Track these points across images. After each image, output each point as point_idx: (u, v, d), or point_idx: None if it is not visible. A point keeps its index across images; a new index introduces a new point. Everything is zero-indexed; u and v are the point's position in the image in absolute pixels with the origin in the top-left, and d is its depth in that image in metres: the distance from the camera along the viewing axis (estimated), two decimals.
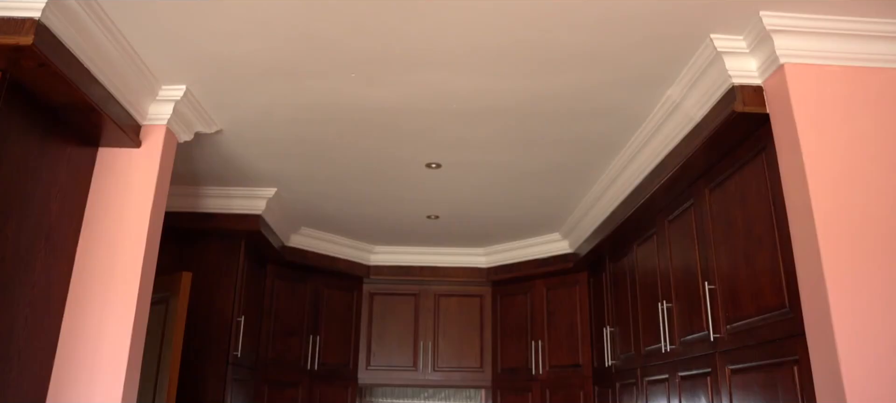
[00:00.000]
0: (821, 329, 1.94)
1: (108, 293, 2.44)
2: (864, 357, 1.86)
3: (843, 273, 1.94)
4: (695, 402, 2.89)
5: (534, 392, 4.86)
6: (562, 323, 4.80)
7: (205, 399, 3.80)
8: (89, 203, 2.57)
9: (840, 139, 2.10)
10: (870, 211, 2.01)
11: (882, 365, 1.85)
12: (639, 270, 3.67)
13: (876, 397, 1.82)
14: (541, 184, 3.78)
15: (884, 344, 1.87)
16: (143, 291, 2.50)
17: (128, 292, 2.44)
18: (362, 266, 5.23)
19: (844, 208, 2.01)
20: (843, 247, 1.96)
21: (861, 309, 1.90)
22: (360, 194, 4.02)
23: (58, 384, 2.33)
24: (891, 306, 1.91)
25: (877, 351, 1.87)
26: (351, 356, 5.19)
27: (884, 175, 2.06)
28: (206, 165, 3.56)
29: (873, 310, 1.90)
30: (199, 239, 4.06)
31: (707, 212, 2.84)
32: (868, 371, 1.85)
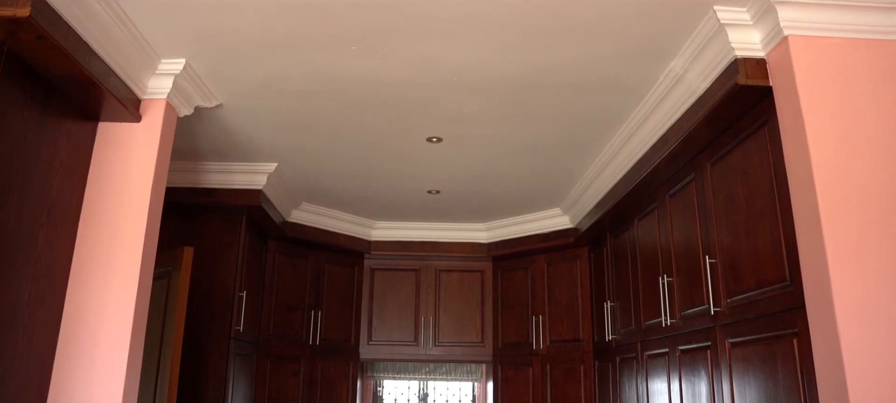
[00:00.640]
0: (821, 300, 1.95)
1: (111, 267, 2.45)
2: (863, 329, 1.86)
3: (844, 244, 1.94)
4: (694, 376, 2.91)
5: (534, 367, 4.89)
6: (562, 298, 4.82)
7: (207, 373, 3.83)
8: (90, 177, 2.57)
9: (843, 112, 2.09)
10: (872, 184, 2.01)
11: (882, 337, 1.86)
12: (639, 245, 3.68)
13: (875, 368, 1.83)
14: (542, 158, 3.77)
15: (884, 316, 1.88)
16: (145, 265, 2.50)
17: (130, 266, 2.45)
18: (363, 241, 5.24)
19: (846, 180, 2.01)
20: (844, 219, 1.97)
21: (862, 281, 1.90)
22: (361, 169, 4.01)
23: (63, 356, 2.35)
24: (891, 277, 1.91)
25: (877, 323, 1.87)
26: (352, 331, 5.22)
27: (886, 147, 2.05)
28: (207, 140, 3.55)
29: (874, 282, 1.91)
30: (200, 214, 4.06)
31: (708, 186, 2.84)
32: (868, 343, 1.85)
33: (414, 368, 5.74)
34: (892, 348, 1.86)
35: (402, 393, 6.17)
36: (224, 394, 3.82)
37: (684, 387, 3.02)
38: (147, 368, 3.15)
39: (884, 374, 1.83)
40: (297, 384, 4.74)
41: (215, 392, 3.81)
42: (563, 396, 4.68)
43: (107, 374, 2.34)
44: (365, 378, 5.66)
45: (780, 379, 2.24)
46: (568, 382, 4.67)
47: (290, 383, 4.70)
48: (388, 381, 6.08)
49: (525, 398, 4.91)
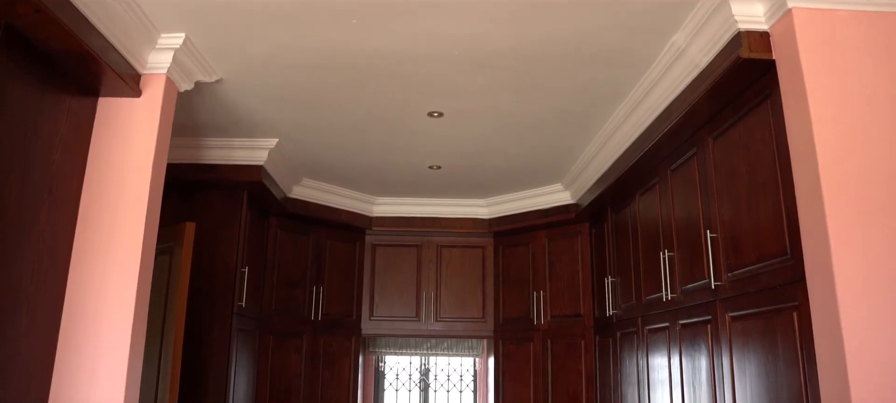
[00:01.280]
0: (821, 273, 1.96)
1: (113, 243, 2.45)
2: (863, 301, 1.87)
3: (845, 218, 1.94)
4: (695, 350, 2.93)
5: (535, 342, 4.92)
6: (563, 274, 4.83)
7: (211, 349, 3.85)
8: (91, 153, 2.57)
9: (846, 85, 2.08)
10: (874, 157, 2.01)
11: (882, 310, 1.87)
12: (641, 220, 3.68)
13: (874, 338, 1.84)
14: (543, 133, 3.76)
15: (884, 289, 1.89)
16: (147, 241, 2.51)
17: (132, 241, 2.45)
18: (365, 217, 5.24)
19: (849, 154, 2.01)
20: (846, 193, 1.96)
21: (862, 253, 1.91)
22: (362, 144, 4.00)
23: (67, 333, 2.36)
24: (892, 250, 1.92)
25: (877, 296, 1.88)
26: (354, 307, 5.24)
27: (890, 120, 2.05)
28: (208, 116, 3.54)
29: (874, 255, 1.91)
30: (201, 190, 4.06)
31: (710, 161, 2.83)
32: (867, 315, 1.86)
33: (415, 344, 5.78)
34: (892, 320, 1.86)
35: (404, 369, 6.21)
36: (227, 370, 3.85)
37: (684, 361, 3.04)
38: (151, 344, 3.17)
39: (883, 346, 1.85)
40: (299, 359, 4.78)
41: (218, 367, 3.84)
42: (563, 371, 4.72)
43: (111, 349, 2.36)
44: (367, 354, 5.69)
45: (779, 352, 2.25)
46: (569, 357, 4.70)
47: (292, 358, 4.73)
48: (390, 357, 6.12)
49: (526, 373, 4.95)
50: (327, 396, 4.94)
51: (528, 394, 4.91)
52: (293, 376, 4.72)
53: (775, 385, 2.27)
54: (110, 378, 2.33)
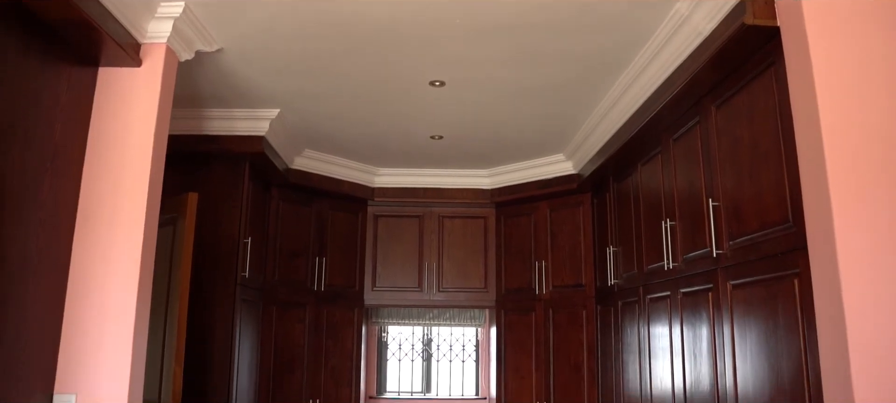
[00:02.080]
0: (823, 240, 1.96)
1: (116, 212, 2.46)
2: (864, 268, 1.87)
3: (847, 185, 1.94)
4: (696, 318, 2.95)
5: (537, 312, 4.95)
6: (565, 244, 4.85)
7: (215, 319, 3.88)
8: (93, 123, 2.56)
9: (852, 52, 2.06)
10: (878, 125, 1.99)
11: (882, 277, 1.87)
12: (642, 190, 3.68)
13: (874, 305, 1.85)
14: (545, 102, 3.74)
15: (885, 256, 1.89)
16: (150, 210, 2.52)
17: (135, 211, 2.46)
18: (367, 188, 5.25)
19: (853, 121, 1.99)
20: (849, 161, 1.96)
21: (865, 221, 1.91)
22: (364, 114, 3.99)
23: (73, 301, 2.38)
24: (893, 218, 1.91)
25: (877, 263, 1.88)
26: (357, 277, 5.27)
27: (894, 88, 2.03)
28: (209, 86, 3.53)
29: (876, 222, 1.91)
30: (203, 162, 4.06)
31: (713, 130, 2.82)
32: (868, 282, 1.87)
33: (418, 314, 5.81)
34: (893, 288, 1.87)
35: (407, 339, 6.26)
36: (232, 340, 3.88)
37: (686, 330, 3.06)
38: (155, 315, 3.19)
39: (883, 314, 1.85)
40: (302, 330, 4.82)
41: (223, 337, 3.88)
42: (565, 340, 4.75)
43: (116, 317, 2.38)
44: (369, 324, 5.73)
45: (780, 319, 2.26)
46: (570, 327, 4.73)
47: (296, 329, 4.77)
48: (393, 327, 6.16)
49: (528, 343, 4.99)
50: (331, 366, 4.99)
51: (530, 364, 4.95)
52: (297, 346, 4.77)
53: (775, 352, 2.28)
54: (116, 346, 2.36)
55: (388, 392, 6.14)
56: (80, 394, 2.33)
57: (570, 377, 4.68)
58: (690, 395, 2.98)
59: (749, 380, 2.46)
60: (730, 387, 2.60)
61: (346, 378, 5.09)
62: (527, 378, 4.96)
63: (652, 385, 3.46)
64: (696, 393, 2.91)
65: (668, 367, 3.24)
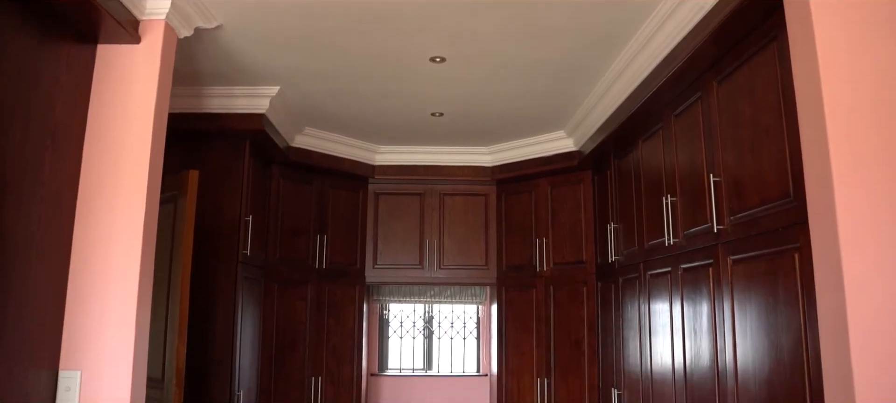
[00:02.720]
0: (824, 214, 1.96)
1: (118, 189, 2.46)
2: (864, 243, 1.88)
3: (849, 159, 1.93)
4: (696, 294, 2.96)
5: (538, 289, 4.97)
6: (566, 221, 4.85)
7: (217, 297, 3.90)
8: (92, 101, 2.56)
9: (855, 26, 2.04)
10: (881, 99, 1.98)
11: (882, 252, 1.88)
12: (643, 166, 3.68)
13: (874, 279, 1.86)
14: (546, 78, 3.73)
15: (886, 231, 1.89)
16: (151, 187, 2.52)
17: (136, 188, 2.46)
18: (367, 166, 5.24)
19: (856, 96, 1.98)
20: (851, 134, 1.95)
21: (866, 195, 1.91)
22: (364, 90, 3.98)
23: (76, 278, 2.39)
24: (893, 191, 1.91)
25: (878, 238, 1.88)
26: (358, 255, 5.28)
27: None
28: (209, 64, 3.52)
29: (877, 196, 1.91)
30: (203, 140, 4.06)
31: (714, 105, 2.82)
32: (868, 256, 1.87)
33: (419, 291, 5.84)
34: (893, 262, 1.87)
35: (408, 316, 6.29)
36: (233, 317, 3.90)
37: (686, 306, 3.07)
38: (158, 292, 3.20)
39: (883, 288, 1.86)
40: (304, 307, 4.84)
41: (225, 315, 3.90)
42: (566, 317, 4.77)
43: (119, 293, 2.39)
44: (371, 302, 5.76)
45: (780, 294, 2.27)
46: (571, 303, 4.75)
47: (297, 306, 4.80)
48: (394, 305, 6.19)
49: (529, 320, 5.01)
50: (332, 343, 5.02)
51: (531, 341, 4.98)
52: (298, 324, 4.79)
53: (775, 327, 2.29)
54: (119, 323, 2.37)
55: (390, 370, 6.19)
56: (85, 371, 2.35)
57: (571, 353, 4.71)
58: (690, 371, 3.00)
59: (749, 355, 2.48)
60: (729, 362, 2.62)
61: (347, 355, 5.12)
62: (527, 354, 4.99)
63: (652, 362, 3.48)
64: (696, 369, 2.93)
65: (668, 343, 3.26)
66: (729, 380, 2.63)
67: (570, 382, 4.70)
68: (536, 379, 4.89)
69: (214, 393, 3.82)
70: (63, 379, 2.33)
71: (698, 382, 2.91)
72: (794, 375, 2.18)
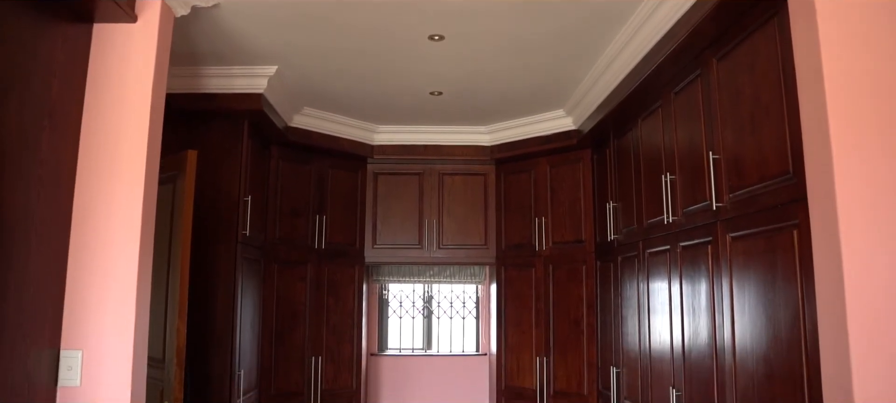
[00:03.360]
0: (823, 190, 1.96)
1: (116, 168, 2.46)
2: (863, 218, 1.88)
3: (849, 135, 1.93)
4: (695, 271, 2.97)
5: (537, 268, 4.98)
6: (565, 200, 4.86)
7: (217, 277, 3.91)
8: (89, 81, 2.54)
9: (855, 2, 2.03)
10: (882, 76, 1.98)
11: (881, 227, 1.88)
12: (643, 144, 3.67)
13: (872, 255, 1.86)
14: (545, 56, 3.71)
15: (884, 206, 1.89)
16: (150, 166, 2.52)
17: (135, 167, 2.46)
18: (366, 146, 5.23)
19: (857, 72, 1.98)
20: (852, 110, 1.95)
21: (864, 170, 1.91)
22: (362, 69, 3.96)
23: (76, 257, 2.39)
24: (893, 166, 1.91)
25: (877, 213, 1.89)
26: (357, 235, 5.29)
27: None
28: (206, 43, 3.50)
29: (876, 173, 1.91)
30: (202, 120, 4.05)
31: (714, 82, 2.81)
32: (866, 232, 1.88)
33: (418, 271, 5.85)
34: (891, 238, 1.88)
35: (407, 296, 6.32)
36: (233, 297, 3.92)
37: (685, 283, 3.08)
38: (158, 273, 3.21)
39: (881, 264, 1.86)
40: (304, 287, 4.86)
41: (225, 295, 3.91)
42: (565, 296, 4.79)
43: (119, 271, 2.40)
44: (370, 282, 5.77)
45: (778, 271, 2.28)
46: (570, 282, 4.77)
47: (297, 286, 4.81)
48: (394, 285, 6.21)
49: (528, 299, 5.03)
50: (332, 323, 5.04)
51: (530, 319, 5.00)
52: (298, 304, 4.81)
53: (773, 304, 2.30)
54: (120, 302, 2.38)
55: (390, 349, 6.22)
56: (86, 350, 2.36)
57: (570, 332, 4.74)
58: (689, 348, 3.02)
59: (747, 332, 2.49)
60: (728, 339, 2.63)
61: (347, 335, 5.14)
62: (527, 333, 5.01)
63: (651, 339, 3.50)
64: (694, 346, 2.95)
65: (666, 321, 3.28)
66: (727, 357, 2.64)
67: (570, 360, 4.73)
68: (536, 358, 4.91)
69: (215, 372, 3.85)
70: (64, 359, 2.34)
71: (696, 359, 2.93)
72: (792, 351, 2.19)
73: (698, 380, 2.92)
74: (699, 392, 2.90)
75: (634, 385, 3.75)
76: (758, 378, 2.41)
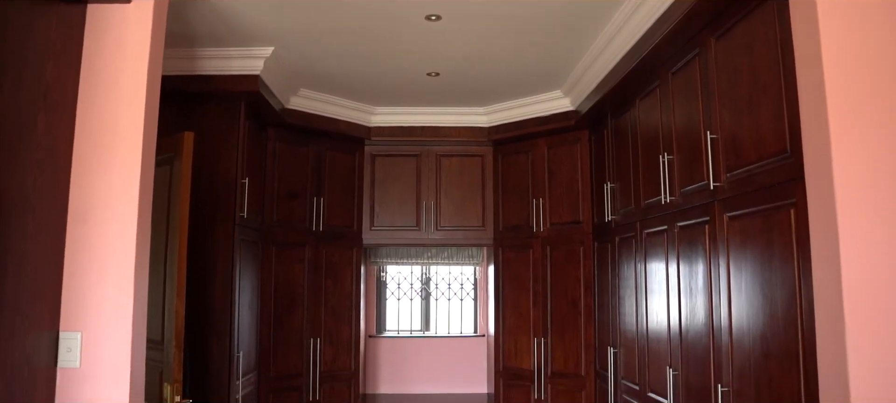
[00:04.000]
0: (820, 168, 1.96)
1: (113, 149, 2.44)
2: (859, 195, 1.88)
3: (847, 112, 1.93)
4: (692, 251, 2.97)
5: (535, 249, 4.99)
6: (563, 181, 4.86)
7: (215, 259, 3.91)
8: (84, 62, 2.52)
9: None
10: (880, 54, 1.97)
11: (877, 204, 1.88)
12: (640, 125, 3.67)
13: (868, 231, 1.87)
14: (543, 35, 3.69)
15: (880, 183, 1.89)
16: (147, 147, 2.50)
17: (131, 148, 2.45)
18: (363, 127, 5.22)
19: (855, 50, 1.97)
20: (850, 88, 1.94)
21: (861, 148, 1.91)
22: (359, 50, 3.94)
23: (73, 240, 2.39)
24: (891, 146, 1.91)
25: (873, 190, 1.89)
26: (355, 217, 5.29)
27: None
28: (202, 24, 3.47)
29: (873, 150, 1.91)
30: (198, 102, 4.03)
31: (712, 62, 2.80)
32: (862, 209, 1.88)
33: (416, 253, 5.86)
34: (888, 216, 1.88)
35: (405, 278, 6.33)
36: (232, 279, 3.92)
37: (682, 263, 3.09)
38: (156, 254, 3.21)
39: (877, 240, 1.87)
40: (302, 269, 4.86)
41: (223, 277, 3.92)
42: (563, 277, 4.81)
43: (117, 256, 2.39)
44: (368, 264, 5.78)
45: (775, 249, 2.28)
46: (568, 263, 4.78)
47: (295, 268, 4.82)
48: (392, 267, 6.22)
49: (526, 280, 5.04)
50: (331, 305, 5.05)
51: (528, 301, 5.02)
52: (297, 286, 4.82)
53: (770, 282, 2.31)
54: (118, 284, 2.38)
55: (388, 331, 6.25)
56: (85, 332, 2.36)
57: (568, 313, 4.75)
58: (686, 327, 3.03)
59: (743, 311, 2.50)
60: (724, 318, 2.65)
61: (346, 317, 5.16)
62: (524, 314, 5.03)
63: (648, 319, 3.52)
64: (692, 326, 2.96)
65: (664, 300, 3.29)
66: (723, 336, 2.66)
67: (567, 341, 4.75)
68: (533, 339, 4.94)
69: (214, 354, 3.86)
70: (64, 341, 2.34)
71: (693, 339, 2.95)
72: (788, 329, 2.20)
73: (695, 360, 2.93)
74: (696, 371, 2.92)
75: (632, 365, 3.78)
76: (754, 356, 2.43)
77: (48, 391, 2.28)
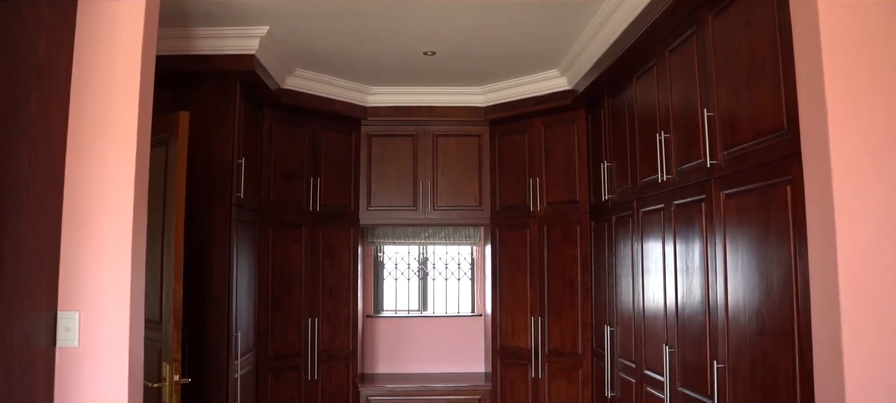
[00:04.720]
0: (816, 145, 1.96)
1: (108, 129, 2.43)
2: (856, 171, 1.89)
3: (843, 90, 1.92)
4: (688, 229, 2.98)
5: (532, 229, 5.00)
6: (559, 160, 4.85)
7: (212, 240, 3.91)
8: (77, 40, 2.50)
9: None
10: (877, 32, 1.96)
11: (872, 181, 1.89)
12: (638, 103, 3.66)
13: (864, 208, 1.87)
14: (539, 13, 3.67)
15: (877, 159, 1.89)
16: (142, 126, 2.49)
17: (127, 127, 2.43)
18: (359, 107, 5.20)
19: (851, 27, 1.96)
20: (847, 64, 1.93)
21: (858, 125, 1.91)
22: (355, 29, 3.91)
23: (69, 219, 2.38)
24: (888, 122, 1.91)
25: (869, 167, 1.89)
26: (352, 197, 5.29)
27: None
28: (197, 3, 3.45)
29: (870, 127, 1.91)
30: (193, 82, 4.01)
31: (709, 40, 2.79)
32: (858, 186, 1.88)
33: (413, 233, 5.86)
34: (884, 192, 1.89)
35: (403, 258, 6.34)
36: (229, 260, 3.92)
37: (678, 242, 3.10)
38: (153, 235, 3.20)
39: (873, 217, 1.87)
40: (299, 250, 4.87)
41: (221, 257, 3.92)
42: (560, 256, 4.82)
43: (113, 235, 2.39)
44: (366, 245, 5.79)
45: (771, 227, 2.29)
46: (565, 243, 4.79)
47: (292, 249, 4.82)
48: (389, 247, 6.23)
49: (523, 259, 5.06)
50: (328, 285, 5.07)
51: (525, 280, 5.03)
52: (294, 266, 4.82)
53: (766, 260, 2.32)
54: (115, 263, 2.38)
55: (385, 311, 6.27)
56: (83, 311, 2.36)
57: (565, 292, 4.77)
58: (682, 306, 3.05)
59: (740, 289, 2.51)
60: (721, 296, 2.66)
61: (343, 296, 5.17)
62: (521, 294, 5.05)
63: (644, 298, 3.53)
64: (688, 304, 2.98)
65: (660, 279, 3.30)
66: (719, 314, 2.67)
67: (564, 320, 4.77)
68: (530, 318, 4.96)
69: (212, 334, 3.87)
70: (62, 320, 2.34)
71: (690, 317, 2.96)
72: (783, 306, 2.21)
73: (691, 337, 2.95)
74: (692, 348, 2.94)
75: (628, 343, 3.80)
76: (750, 334, 2.44)
77: (47, 370, 2.29)
